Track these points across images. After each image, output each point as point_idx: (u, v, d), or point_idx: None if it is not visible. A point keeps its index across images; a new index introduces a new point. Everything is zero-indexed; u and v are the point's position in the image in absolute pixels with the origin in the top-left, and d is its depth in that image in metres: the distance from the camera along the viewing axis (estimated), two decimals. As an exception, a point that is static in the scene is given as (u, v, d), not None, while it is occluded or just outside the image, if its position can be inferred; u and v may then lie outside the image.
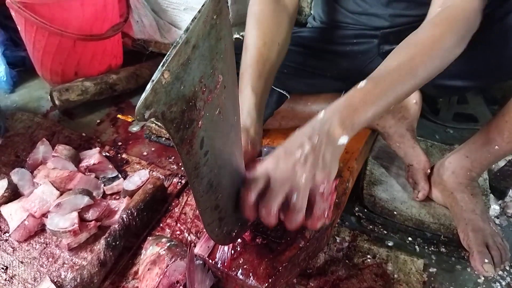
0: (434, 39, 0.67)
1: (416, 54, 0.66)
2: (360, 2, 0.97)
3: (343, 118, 0.59)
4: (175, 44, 0.32)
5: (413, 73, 0.65)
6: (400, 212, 0.92)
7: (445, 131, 1.25)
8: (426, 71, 0.66)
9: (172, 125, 0.35)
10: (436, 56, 0.67)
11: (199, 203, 0.48)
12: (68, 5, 1.14)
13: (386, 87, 0.63)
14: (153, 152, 1.11)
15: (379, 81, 0.63)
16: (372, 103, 0.62)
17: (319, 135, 0.57)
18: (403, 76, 0.64)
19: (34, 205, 0.85)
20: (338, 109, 0.61)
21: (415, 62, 0.65)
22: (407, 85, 0.65)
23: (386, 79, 0.64)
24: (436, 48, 0.67)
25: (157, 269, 0.70)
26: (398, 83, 0.64)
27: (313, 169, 0.55)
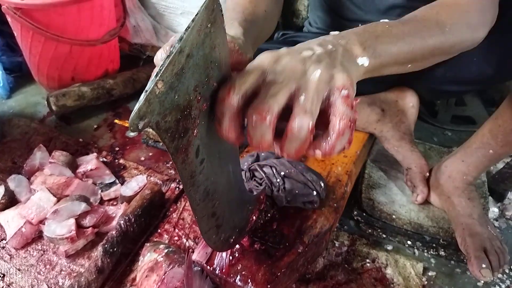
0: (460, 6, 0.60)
1: (442, 12, 0.59)
2: (355, 9, 0.97)
3: (363, 38, 0.48)
4: (169, 54, 0.32)
5: (440, 27, 0.57)
6: (399, 215, 0.91)
7: (443, 134, 1.25)
8: (452, 31, 0.58)
9: (167, 134, 0.35)
10: (461, 22, 0.60)
11: (195, 211, 0.47)
12: (64, 11, 1.14)
13: (413, 29, 0.55)
14: (150, 157, 1.10)
15: (405, 22, 0.55)
16: (398, 37, 0.51)
17: (333, 44, 0.44)
18: (431, 25, 0.56)
19: (31, 212, 0.85)
20: (356, 31, 0.49)
21: (441, 18, 0.58)
22: (434, 36, 0.56)
23: (412, 23, 0.56)
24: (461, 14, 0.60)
25: (155, 276, 0.70)
26: (425, 29, 0.56)
27: (330, 69, 0.40)
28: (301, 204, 0.79)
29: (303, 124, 0.36)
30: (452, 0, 0.61)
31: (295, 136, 0.37)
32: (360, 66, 0.46)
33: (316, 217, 0.78)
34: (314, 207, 0.79)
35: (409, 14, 0.59)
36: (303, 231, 0.75)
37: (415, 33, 0.54)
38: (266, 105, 0.36)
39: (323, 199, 0.80)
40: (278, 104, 0.37)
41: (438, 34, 0.57)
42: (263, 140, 0.37)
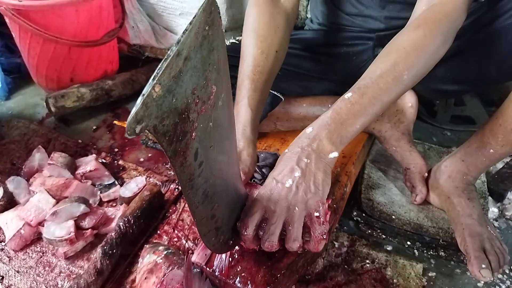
0: (416, 43, 0.67)
1: (399, 60, 0.66)
2: (356, 4, 0.98)
3: (331, 133, 0.61)
4: (166, 57, 0.32)
5: (398, 80, 0.65)
6: (399, 216, 0.91)
7: (442, 134, 1.25)
8: (411, 75, 0.66)
9: (165, 138, 0.35)
10: (419, 60, 0.67)
11: (194, 214, 0.47)
12: (63, 12, 1.14)
13: (372, 97, 0.64)
14: (150, 158, 1.10)
15: (365, 91, 0.64)
16: (359, 114, 0.63)
17: (307, 156, 0.59)
18: (388, 83, 0.65)
19: (30, 214, 0.85)
20: (325, 123, 0.62)
21: (399, 69, 0.65)
22: (393, 92, 0.66)
23: (371, 88, 0.64)
24: (419, 52, 0.66)
25: (154, 278, 0.70)
26: (383, 91, 0.64)
27: (306, 196, 0.57)
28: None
29: (294, 246, 0.56)
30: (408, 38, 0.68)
31: (292, 249, 0.57)
32: (332, 158, 0.61)
33: (316, 218, 0.78)
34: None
35: (369, 71, 0.67)
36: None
37: (374, 99, 0.64)
38: (271, 242, 0.56)
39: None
40: (277, 236, 0.56)
41: (396, 87, 0.65)
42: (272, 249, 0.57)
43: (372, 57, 1.01)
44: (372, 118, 0.65)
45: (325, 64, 1.05)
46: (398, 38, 0.70)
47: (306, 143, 0.60)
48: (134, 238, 0.83)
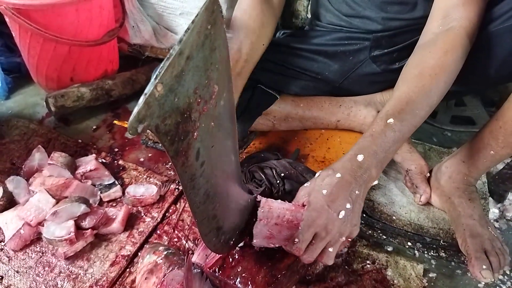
0: (446, 68, 0.71)
1: (431, 85, 0.70)
2: (353, 5, 0.98)
3: (379, 164, 0.66)
4: (168, 56, 0.32)
5: (430, 105, 0.70)
6: (399, 216, 0.91)
7: (442, 134, 1.25)
8: (438, 98, 0.71)
9: (167, 137, 0.35)
10: (446, 84, 0.71)
11: (196, 214, 0.47)
12: (63, 11, 1.14)
13: (410, 123, 0.68)
14: (150, 158, 1.10)
15: (404, 117, 0.68)
16: (399, 140, 0.68)
17: (359, 188, 0.64)
18: (423, 109, 0.69)
19: (30, 214, 0.84)
20: (375, 151, 0.66)
21: (431, 94, 0.70)
22: (424, 117, 0.71)
23: (409, 115, 0.68)
24: (447, 76, 0.71)
25: (154, 278, 0.70)
26: (418, 117, 0.69)
27: (351, 227, 0.64)
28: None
29: (329, 263, 0.65)
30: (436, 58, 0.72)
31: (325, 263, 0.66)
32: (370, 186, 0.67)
33: (316, 218, 0.78)
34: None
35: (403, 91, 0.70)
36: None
37: (412, 126, 0.69)
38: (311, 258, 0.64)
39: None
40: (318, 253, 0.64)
41: (427, 113, 0.71)
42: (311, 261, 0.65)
43: (368, 58, 1.01)
44: (404, 143, 0.74)
45: (322, 63, 1.05)
46: (426, 61, 0.72)
47: (359, 173, 0.64)
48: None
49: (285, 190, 0.77)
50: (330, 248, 0.63)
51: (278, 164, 0.80)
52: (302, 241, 0.62)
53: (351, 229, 0.64)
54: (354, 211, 0.64)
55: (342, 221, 0.62)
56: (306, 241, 0.62)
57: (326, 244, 0.63)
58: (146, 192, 0.93)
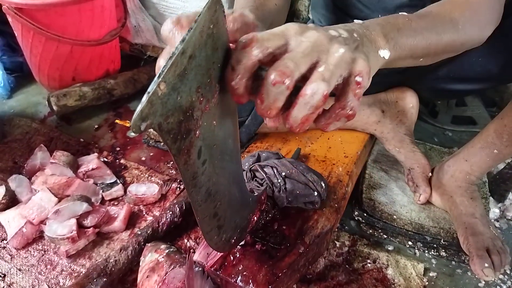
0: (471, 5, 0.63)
1: (455, 10, 0.61)
2: (362, 8, 0.97)
3: (387, 30, 0.49)
4: (171, 55, 0.32)
5: (453, 24, 0.60)
6: (400, 216, 0.91)
7: (443, 134, 1.25)
8: (464, 29, 0.61)
9: (169, 136, 0.35)
10: (471, 20, 0.62)
11: (197, 212, 0.47)
12: (65, 11, 1.14)
13: (430, 23, 0.57)
14: (151, 157, 1.10)
15: (423, 16, 0.57)
16: (416, 31, 0.53)
17: (358, 34, 0.44)
18: (445, 22, 0.59)
19: (32, 212, 0.85)
20: (379, 22, 0.50)
21: (455, 15, 0.60)
22: (447, 33, 0.59)
23: (429, 18, 0.58)
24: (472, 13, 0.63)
25: (156, 277, 0.70)
26: (440, 25, 0.58)
27: (353, 52, 0.40)
28: (302, 205, 0.79)
29: (318, 89, 0.36)
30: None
31: (307, 101, 0.37)
32: (381, 58, 0.47)
33: (317, 217, 0.78)
34: (315, 207, 0.79)
35: (423, 9, 0.61)
36: (304, 231, 0.75)
37: (432, 28, 0.56)
38: (288, 69, 0.36)
39: (324, 200, 0.80)
40: (299, 70, 0.36)
41: (451, 31, 0.59)
42: (275, 104, 0.37)
43: None
44: (425, 47, 0.55)
45: None
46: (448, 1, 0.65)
47: (356, 25, 0.46)
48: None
49: (286, 189, 0.77)
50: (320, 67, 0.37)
51: (279, 163, 0.80)
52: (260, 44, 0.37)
53: (354, 54, 0.40)
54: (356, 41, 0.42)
55: (335, 37, 0.40)
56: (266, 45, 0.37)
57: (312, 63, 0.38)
58: (148, 191, 0.93)
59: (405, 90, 1.05)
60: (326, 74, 0.37)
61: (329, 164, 0.93)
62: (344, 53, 0.38)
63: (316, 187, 0.78)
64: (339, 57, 0.38)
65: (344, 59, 0.38)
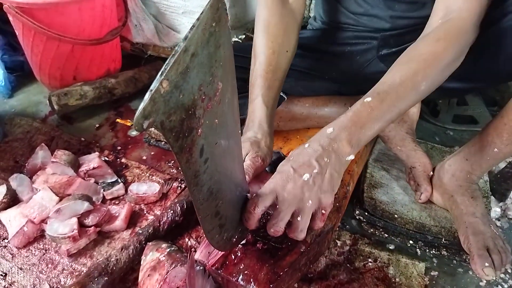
0: (436, 55, 0.68)
1: (418, 70, 0.67)
2: (361, 3, 0.97)
3: (350, 136, 0.62)
4: (174, 53, 0.32)
5: (416, 89, 0.67)
6: (401, 215, 0.91)
7: (445, 133, 1.25)
8: (428, 86, 0.68)
9: (171, 134, 0.35)
10: (437, 72, 0.69)
11: (199, 211, 0.48)
12: (66, 10, 1.14)
13: (391, 103, 0.65)
14: (152, 156, 1.10)
15: (385, 97, 0.65)
16: (378, 119, 0.64)
17: (327, 155, 0.60)
18: (407, 92, 0.66)
19: (33, 211, 0.85)
20: (346, 125, 0.63)
21: (417, 78, 0.67)
22: (410, 100, 0.68)
23: (391, 95, 0.65)
24: (438, 64, 0.68)
25: (157, 275, 0.70)
26: (402, 99, 0.66)
27: (319, 192, 0.59)
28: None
29: (300, 236, 0.60)
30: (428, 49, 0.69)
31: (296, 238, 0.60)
32: (348, 161, 0.63)
33: (319, 216, 0.78)
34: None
35: (389, 77, 0.68)
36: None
37: (392, 106, 0.65)
38: (278, 224, 0.58)
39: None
40: (284, 223, 0.58)
41: (414, 97, 0.68)
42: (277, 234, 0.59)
43: (375, 57, 1.01)
44: (387, 124, 0.68)
45: (329, 63, 1.04)
46: (417, 48, 0.71)
47: (327, 142, 0.61)
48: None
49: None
50: (298, 217, 0.58)
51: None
52: (257, 201, 0.57)
53: (320, 195, 0.59)
54: (324, 177, 0.59)
55: (306, 183, 0.58)
56: (262, 202, 0.57)
57: (293, 212, 0.58)
58: (149, 190, 0.93)
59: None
60: (302, 225, 0.58)
61: (330, 163, 0.93)
62: (312, 202, 0.58)
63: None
64: (310, 207, 0.58)
65: (313, 206, 0.59)
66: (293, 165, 0.60)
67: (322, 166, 0.59)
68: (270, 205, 0.58)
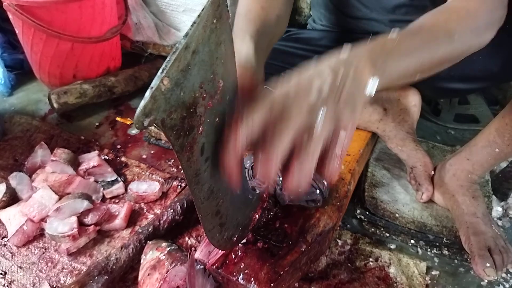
0: (469, 11, 0.60)
1: (451, 19, 0.59)
2: (360, 7, 0.96)
3: (375, 56, 0.47)
4: (175, 50, 0.32)
5: (449, 36, 0.57)
6: (402, 214, 0.91)
7: (446, 132, 1.24)
8: (461, 40, 0.59)
9: (172, 132, 0.35)
10: (471, 28, 0.60)
11: (200, 210, 0.47)
12: (66, 8, 1.14)
13: (422, 41, 0.54)
14: (152, 155, 1.10)
15: (414, 34, 0.55)
16: (407, 53, 0.52)
17: (344, 67, 0.43)
18: (439, 35, 0.56)
19: (33, 210, 0.84)
20: (367, 47, 0.48)
21: (451, 26, 0.57)
22: (442, 47, 0.57)
23: (421, 34, 0.55)
24: (471, 21, 0.60)
25: (157, 274, 0.70)
26: (433, 40, 0.55)
27: (336, 108, 0.40)
28: (304, 203, 0.78)
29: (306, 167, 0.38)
30: (460, 4, 0.61)
31: (297, 175, 0.39)
32: (367, 97, 0.45)
33: (319, 215, 0.78)
34: (317, 205, 0.79)
35: (418, 21, 0.58)
36: (306, 229, 0.75)
37: (424, 45, 0.54)
38: (273, 149, 0.37)
39: (326, 198, 0.80)
40: (284, 148, 0.37)
41: (447, 44, 0.57)
42: (267, 177, 0.39)
43: None
44: (417, 67, 0.54)
45: None
46: (446, 4, 0.63)
47: (345, 55, 0.46)
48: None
49: (288, 187, 0.77)
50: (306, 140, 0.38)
51: (281, 161, 0.80)
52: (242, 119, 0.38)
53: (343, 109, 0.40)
54: (340, 85, 0.42)
55: (318, 91, 0.40)
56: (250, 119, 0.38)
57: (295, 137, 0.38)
58: (149, 189, 0.93)
59: (407, 89, 1.05)
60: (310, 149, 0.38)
61: (331, 162, 0.93)
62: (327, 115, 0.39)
63: (318, 185, 0.77)
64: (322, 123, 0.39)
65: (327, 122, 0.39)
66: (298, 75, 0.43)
67: (336, 77, 0.42)
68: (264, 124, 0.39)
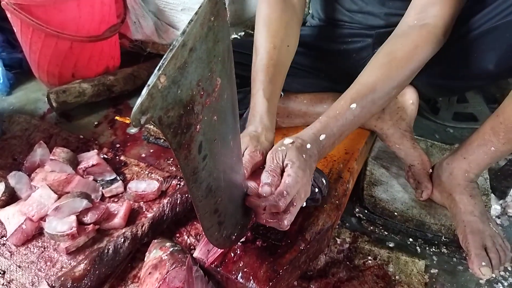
0: (411, 57, 0.74)
1: (392, 72, 0.73)
2: (356, 0, 0.97)
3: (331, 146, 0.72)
4: (172, 47, 0.32)
5: (389, 95, 0.75)
6: (401, 213, 0.91)
7: (445, 131, 1.24)
8: (397, 89, 0.76)
9: (170, 130, 0.35)
10: (407, 75, 0.75)
11: (198, 208, 0.47)
12: (65, 7, 1.13)
13: (369, 110, 0.73)
14: (151, 154, 1.10)
15: (366, 104, 0.72)
16: (354, 126, 0.73)
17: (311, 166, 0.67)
18: (383, 96, 0.73)
19: (32, 209, 0.84)
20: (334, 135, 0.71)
21: (391, 81, 0.73)
22: (381, 107, 0.75)
23: (370, 102, 0.72)
24: (410, 69, 0.74)
25: (158, 274, 0.70)
26: (377, 104, 0.73)
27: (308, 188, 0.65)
28: (303, 202, 0.78)
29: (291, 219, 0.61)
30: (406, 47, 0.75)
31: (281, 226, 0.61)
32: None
33: (318, 214, 0.78)
34: (316, 204, 0.79)
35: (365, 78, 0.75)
36: (305, 228, 0.75)
37: (369, 112, 0.73)
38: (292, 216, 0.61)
39: (325, 196, 0.80)
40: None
41: (387, 98, 0.75)
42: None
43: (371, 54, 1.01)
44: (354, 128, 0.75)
45: (324, 60, 1.04)
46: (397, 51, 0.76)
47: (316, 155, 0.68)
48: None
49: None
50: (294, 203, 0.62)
51: (280, 159, 0.80)
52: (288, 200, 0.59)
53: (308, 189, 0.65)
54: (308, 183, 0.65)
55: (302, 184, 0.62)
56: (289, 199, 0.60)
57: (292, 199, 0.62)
58: (148, 187, 0.93)
59: (404, 87, 1.05)
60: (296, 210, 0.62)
61: (330, 161, 0.93)
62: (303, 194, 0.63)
63: (317, 183, 0.77)
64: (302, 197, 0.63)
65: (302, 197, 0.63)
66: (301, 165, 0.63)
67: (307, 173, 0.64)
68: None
